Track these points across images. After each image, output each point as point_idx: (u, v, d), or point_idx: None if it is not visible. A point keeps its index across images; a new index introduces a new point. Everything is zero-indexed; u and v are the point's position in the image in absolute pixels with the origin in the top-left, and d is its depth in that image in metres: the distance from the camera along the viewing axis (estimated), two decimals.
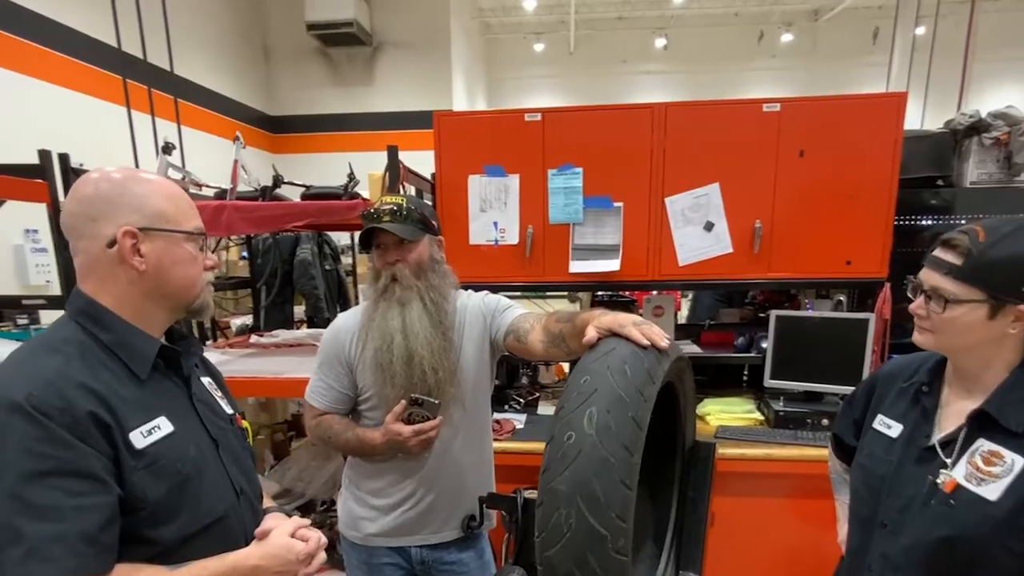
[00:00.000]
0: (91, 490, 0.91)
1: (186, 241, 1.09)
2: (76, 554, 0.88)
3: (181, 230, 1.08)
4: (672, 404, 1.42)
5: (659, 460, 1.51)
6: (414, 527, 1.72)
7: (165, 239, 1.06)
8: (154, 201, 1.05)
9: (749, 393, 2.90)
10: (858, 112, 2.42)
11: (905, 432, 1.26)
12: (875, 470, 1.28)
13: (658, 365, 1.16)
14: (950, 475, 1.14)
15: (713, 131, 2.49)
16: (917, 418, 1.25)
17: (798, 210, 2.47)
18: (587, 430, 1.05)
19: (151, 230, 1.04)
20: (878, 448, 1.30)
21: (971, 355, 1.17)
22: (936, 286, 1.13)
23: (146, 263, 1.04)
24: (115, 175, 1.06)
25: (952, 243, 1.12)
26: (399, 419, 1.58)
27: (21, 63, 7.14)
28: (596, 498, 1.00)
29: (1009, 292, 1.07)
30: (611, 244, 2.58)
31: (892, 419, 1.30)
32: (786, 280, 2.57)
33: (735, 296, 3.91)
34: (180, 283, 1.09)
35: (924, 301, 1.17)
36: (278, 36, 12.50)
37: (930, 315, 1.15)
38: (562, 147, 2.56)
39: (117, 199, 1.03)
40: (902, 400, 1.31)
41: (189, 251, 1.09)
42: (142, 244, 1.03)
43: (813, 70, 13.44)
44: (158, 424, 1.03)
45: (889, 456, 1.26)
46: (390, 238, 1.62)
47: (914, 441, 1.23)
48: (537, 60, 15.24)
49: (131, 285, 1.05)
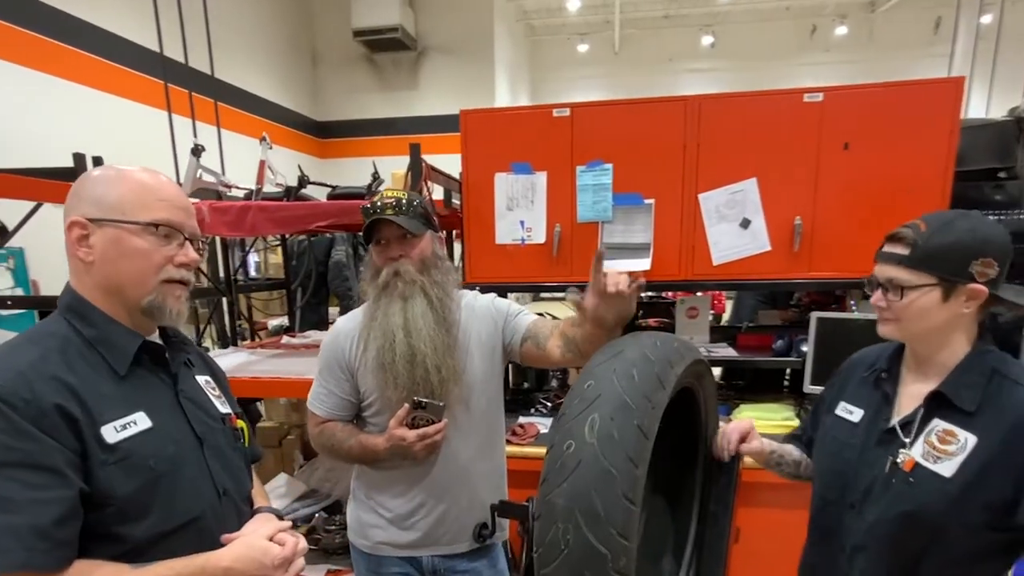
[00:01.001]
0: (50, 483, 0.89)
1: (141, 233, 1.03)
2: (27, 548, 0.86)
3: (132, 221, 1.02)
4: (692, 410, 1.33)
5: (679, 470, 1.42)
6: (425, 539, 1.65)
7: (116, 229, 1.02)
8: (114, 192, 1.03)
9: (790, 399, 2.75)
10: (910, 100, 2.26)
11: (867, 417, 1.30)
12: (841, 453, 1.31)
13: (670, 369, 1.08)
14: (908, 454, 1.18)
15: (750, 123, 2.37)
16: (879, 402, 1.29)
17: (842, 206, 2.33)
18: (588, 439, 0.97)
19: (102, 221, 1.01)
20: (840, 433, 1.33)
21: (929, 339, 1.21)
22: (891, 276, 1.20)
23: (93, 254, 1.02)
24: (98, 170, 1.06)
25: (898, 236, 1.21)
26: (402, 424, 1.52)
27: (72, 70, 7.46)
28: (596, 513, 0.93)
29: (957, 273, 1.13)
30: (642, 242, 2.48)
31: (854, 405, 1.34)
32: (828, 280, 2.42)
33: (779, 297, 3.74)
34: (126, 277, 1.04)
35: (882, 294, 1.22)
36: (326, 43, 12.77)
37: (890, 305, 1.20)
38: (591, 143, 2.48)
39: (82, 191, 1.03)
40: (863, 388, 1.35)
41: (141, 244, 1.03)
42: (92, 235, 1.01)
43: (870, 63, 12.89)
44: (134, 419, 1.01)
45: (852, 440, 1.30)
46: (392, 232, 1.56)
47: (876, 424, 1.27)
48: (581, 61, 15.14)
49: (87, 276, 1.04)
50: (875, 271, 1.26)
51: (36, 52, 6.54)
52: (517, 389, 3.13)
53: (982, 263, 1.12)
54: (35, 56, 6.40)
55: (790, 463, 1.49)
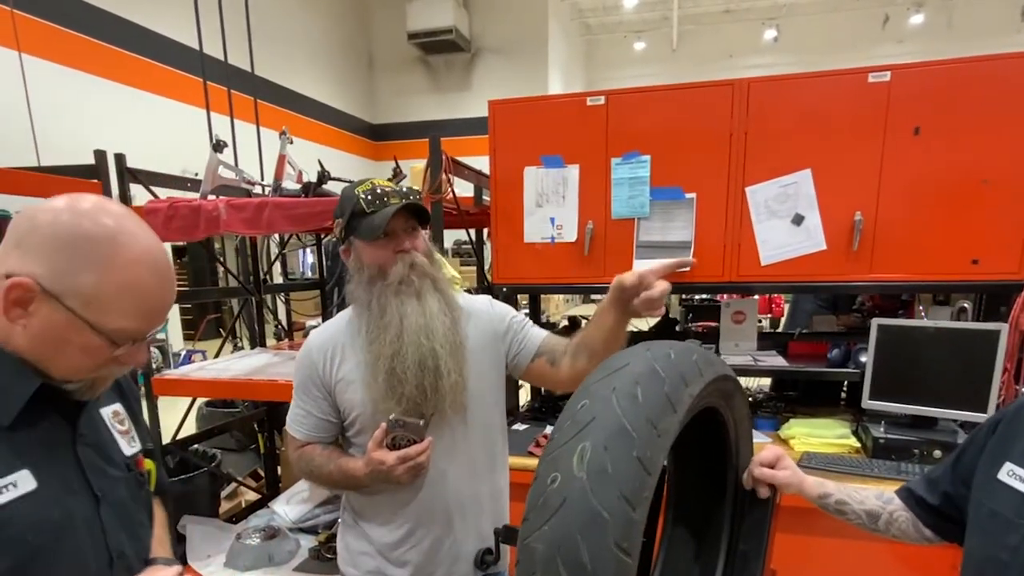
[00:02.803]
0: None
1: (94, 336, 0.84)
2: None
3: (92, 323, 0.83)
4: (719, 434, 1.14)
5: (705, 503, 1.23)
6: (419, 571, 1.49)
7: (68, 316, 0.82)
8: (91, 278, 0.82)
9: (847, 414, 2.49)
10: (991, 77, 1.98)
11: None
12: (1004, 538, 0.95)
13: (684, 387, 0.89)
14: None
15: (805, 108, 2.14)
16: None
17: (910, 199, 2.07)
18: (576, 472, 0.80)
19: (56, 300, 0.81)
20: (1005, 507, 0.96)
21: None
22: None
23: (27, 324, 0.83)
24: (88, 224, 0.83)
25: None
26: (381, 445, 1.36)
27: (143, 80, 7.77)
28: (581, 564, 0.75)
29: None
30: (681, 240, 2.28)
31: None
32: (892, 283, 2.15)
33: (841, 302, 3.45)
34: (56, 363, 0.86)
35: None
36: (381, 46, 12.97)
37: None
38: (628, 133, 2.31)
39: (50, 244, 0.82)
40: None
41: (89, 343, 0.85)
42: (35, 304, 0.82)
43: (949, 53, 11.95)
44: (14, 481, 0.83)
45: (1021, 519, 0.94)
46: (400, 224, 1.40)
47: None
48: (638, 59, 14.85)
49: (6, 331, 0.84)
50: None
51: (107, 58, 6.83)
52: (542, 396, 2.96)
53: None
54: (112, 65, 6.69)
55: (859, 513, 1.19)
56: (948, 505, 1.10)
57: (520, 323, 1.57)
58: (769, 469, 1.16)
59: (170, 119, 7.71)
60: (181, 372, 2.53)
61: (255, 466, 3.51)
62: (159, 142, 6.84)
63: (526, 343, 1.53)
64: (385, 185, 1.43)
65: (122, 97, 7.53)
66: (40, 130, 5.16)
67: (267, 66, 9.81)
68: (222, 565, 2.43)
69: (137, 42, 7.72)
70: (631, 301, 1.32)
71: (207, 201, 2.27)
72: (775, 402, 2.73)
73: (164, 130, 7.42)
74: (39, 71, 6.07)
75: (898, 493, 1.19)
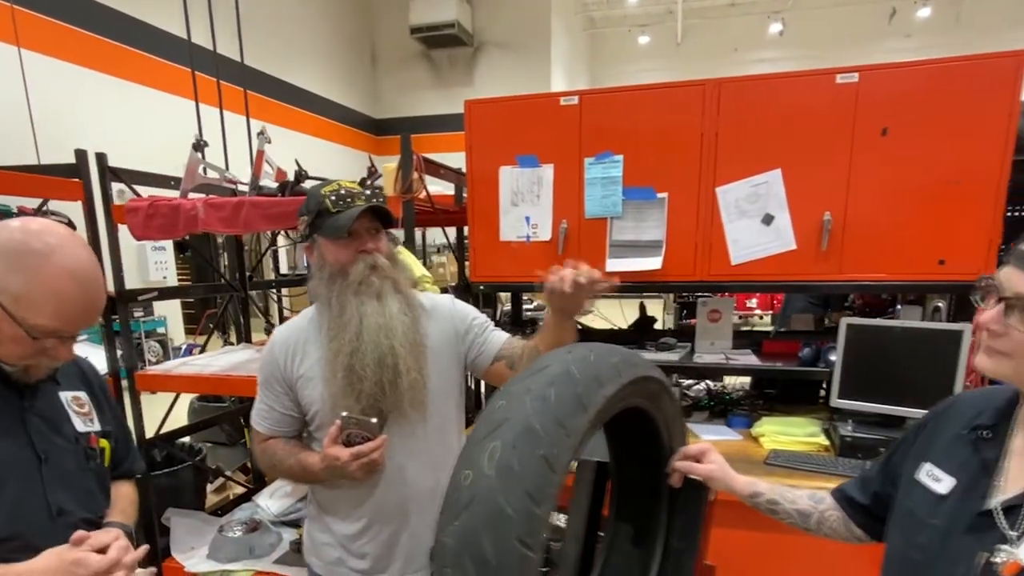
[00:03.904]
0: None
1: (18, 329, 1.02)
2: None
3: (17, 318, 1.01)
4: (653, 435, 1.17)
5: (643, 501, 1.25)
6: (376, 566, 1.53)
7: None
8: (20, 281, 1.00)
9: (824, 412, 2.50)
10: (960, 79, 1.99)
11: (958, 489, 0.95)
12: (917, 537, 0.97)
13: (598, 389, 0.92)
14: (1014, 554, 0.84)
15: (775, 109, 2.15)
16: (975, 472, 0.94)
17: (878, 200, 2.07)
18: (486, 470, 0.83)
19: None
20: (920, 506, 0.98)
21: None
22: (1022, 293, 0.84)
23: None
24: (28, 239, 1.01)
25: None
26: (336, 441, 1.39)
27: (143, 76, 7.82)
28: (485, 560, 0.79)
29: None
30: (653, 240, 2.30)
31: (943, 471, 0.98)
32: (861, 283, 2.16)
33: (833, 300, 3.45)
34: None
35: (1001, 312, 0.87)
36: (384, 41, 12.99)
37: (1008, 332, 0.86)
38: (601, 133, 2.32)
39: (2, 251, 1.00)
40: (958, 447, 0.98)
41: (15, 335, 1.03)
42: None
43: (956, 48, 11.92)
44: None
45: (934, 519, 0.95)
46: (364, 224, 1.44)
47: (968, 502, 0.92)
48: (642, 53, 14.77)
49: None
50: (1000, 275, 0.89)
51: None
52: None
53: None
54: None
55: (790, 512, 1.19)
56: (877, 505, 1.12)
57: (481, 325, 1.60)
58: (689, 462, 1.18)
59: (176, 116, 7.80)
60: (164, 368, 2.58)
61: (245, 460, 3.56)
62: (161, 140, 6.91)
63: (486, 346, 1.57)
64: (351, 187, 1.48)
65: (131, 94, 7.61)
66: (39, 126, 5.22)
67: (270, 62, 9.90)
68: (205, 557, 2.48)
69: (144, 40, 7.80)
70: (565, 303, 1.40)
71: (186, 200, 2.31)
72: (752, 400, 2.75)
73: (166, 128, 7.49)
74: (39, 66, 6.14)
75: (832, 493, 1.21)
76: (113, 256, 2.29)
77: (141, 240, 2.31)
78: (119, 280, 2.33)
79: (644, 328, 2.90)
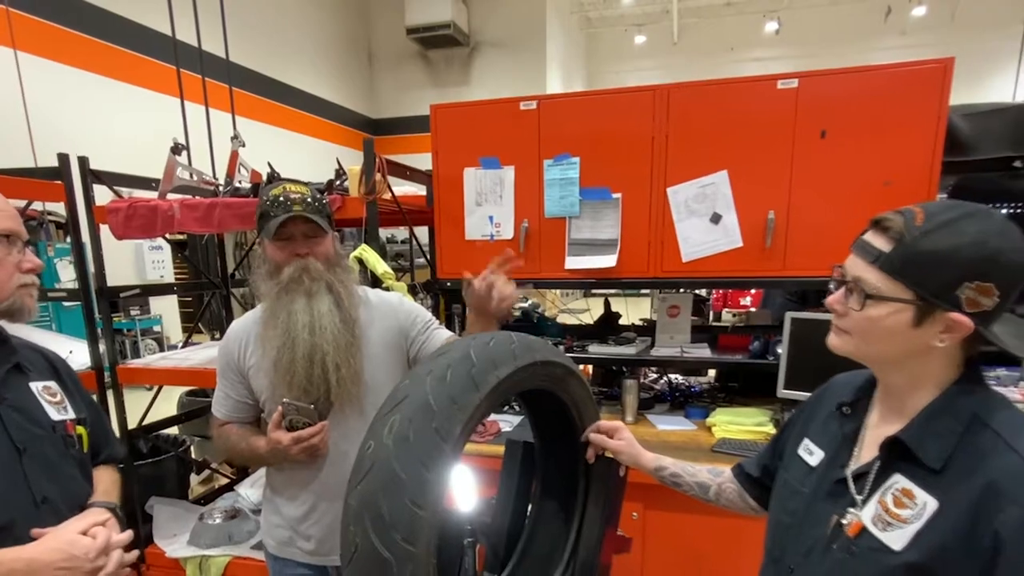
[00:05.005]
0: None
1: None
2: None
3: None
4: (565, 416, 1.28)
5: (563, 478, 1.37)
6: (321, 546, 1.63)
7: None
8: None
9: (777, 404, 2.60)
10: (891, 85, 2.09)
11: (825, 460, 1.04)
12: (788, 503, 1.07)
13: (492, 370, 1.03)
14: (857, 515, 0.94)
15: (721, 113, 2.25)
16: (838, 444, 1.03)
17: (818, 199, 2.18)
18: (385, 440, 0.95)
19: None
20: (794, 477, 1.09)
21: (898, 369, 0.94)
22: (859, 276, 0.91)
23: None
24: None
25: (884, 224, 0.90)
26: (279, 427, 1.49)
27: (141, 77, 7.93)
28: (382, 517, 0.91)
29: (940, 294, 0.84)
30: (609, 239, 2.41)
31: (816, 445, 1.07)
32: (803, 278, 2.27)
33: (810, 295, 3.54)
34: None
35: (844, 295, 0.95)
36: (380, 42, 13.08)
37: (848, 312, 0.94)
38: (559, 136, 2.43)
39: None
40: (831, 423, 1.08)
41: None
42: None
43: (951, 46, 11.99)
44: None
45: (803, 487, 1.05)
46: (300, 229, 1.52)
47: (830, 472, 1.02)
48: (638, 53, 14.83)
49: None
50: (846, 262, 0.97)
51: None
52: None
53: (977, 288, 0.83)
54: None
55: (691, 485, 1.30)
56: (767, 477, 1.22)
57: (426, 324, 1.68)
58: (602, 436, 1.29)
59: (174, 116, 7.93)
60: (144, 362, 2.70)
61: None
62: (161, 140, 7.04)
63: (428, 343, 1.65)
64: (295, 191, 1.54)
65: (130, 95, 7.73)
66: (35, 128, 5.34)
67: (266, 62, 10.00)
68: (186, 543, 2.60)
69: (144, 41, 7.91)
70: (487, 303, 1.51)
71: (164, 201, 2.43)
72: (715, 391, 2.85)
73: (167, 128, 7.62)
74: (34, 69, 6.26)
75: (732, 469, 1.32)
76: (95, 254, 2.41)
77: (122, 239, 2.43)
78: (101, 277, 2.45)
79: (608, 323, 3.00)
